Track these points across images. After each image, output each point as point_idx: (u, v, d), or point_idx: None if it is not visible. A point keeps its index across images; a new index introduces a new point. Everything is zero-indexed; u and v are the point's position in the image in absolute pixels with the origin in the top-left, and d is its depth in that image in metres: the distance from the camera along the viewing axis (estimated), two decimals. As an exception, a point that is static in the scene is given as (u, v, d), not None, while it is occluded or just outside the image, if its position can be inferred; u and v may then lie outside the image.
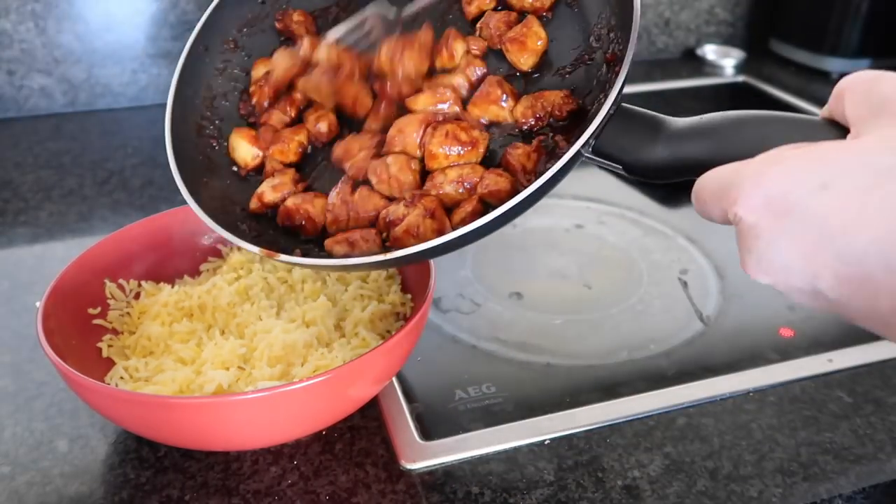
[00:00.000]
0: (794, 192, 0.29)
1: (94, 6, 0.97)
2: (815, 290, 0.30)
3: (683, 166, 0.37)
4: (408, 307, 0.55)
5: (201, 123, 0.53)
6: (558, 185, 0.39)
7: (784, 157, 0.30)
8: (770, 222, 0.30)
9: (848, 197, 0.28)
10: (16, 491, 0.45)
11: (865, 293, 0.28)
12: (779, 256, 0.30)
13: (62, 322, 0.49)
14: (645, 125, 0.38)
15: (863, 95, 0.31)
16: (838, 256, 0.28)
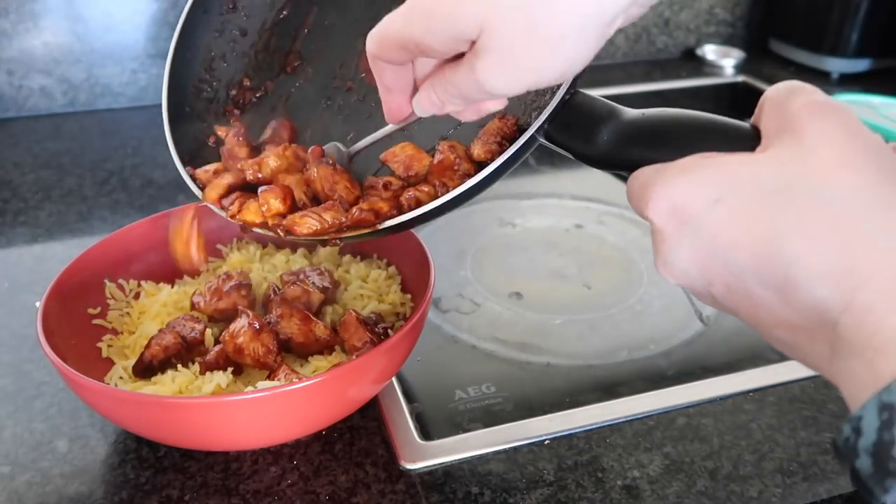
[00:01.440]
0: (693, 204, 0.30)
1: (94, 6, 0.97)
2: (711, 296, 0.32)
3: (621, 161, 0.37)
4: (408, 307, 0.55)
5: (199, 86, 0.53)
6: (554, 184, 0.40)
7: (692, 167, 0.31)
8: (673, 229, 0.31)
9: (736, 213, 0.29)
10: (15, 491, 0.45)
11: (748, 304, 0.30)
12: (680, 262, 0.32)
13: (62, 322, 0.49)
14: (594, 115, 0.38)
15: (774, 108, 0.32)
16: (726, 268, 0.30)
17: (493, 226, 0.76)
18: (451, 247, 0.72)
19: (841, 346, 0.27)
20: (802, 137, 0.29)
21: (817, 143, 0.29)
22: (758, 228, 0.29)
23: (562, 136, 0.39)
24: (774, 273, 0.28)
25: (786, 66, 1.19)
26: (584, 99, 0.39)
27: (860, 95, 0.98)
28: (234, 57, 0.55)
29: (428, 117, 0.39)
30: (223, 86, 0.54)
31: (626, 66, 1.21)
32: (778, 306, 0.29)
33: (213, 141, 0.53)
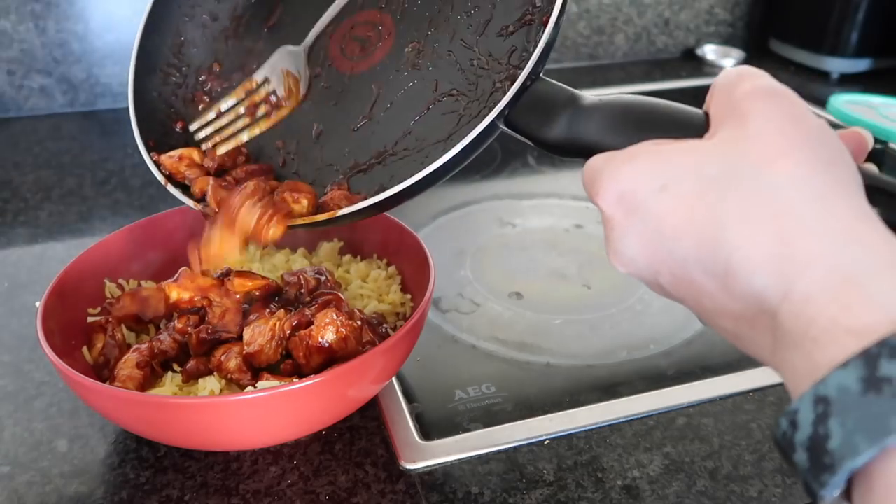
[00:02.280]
0: (640, 192, 0.30)
1: (94, 6, 0.97)
2: (658, 284, 0.32)
3: (575, 147, 0.37)
4: (407, 307, 0.55)
5: (167, 70, 0.53)
6: (554, 184, 0.40)
7: (638, 155, 0.31)
8: (621, 217, 0.31)
9: (680, 201, 0.29)
10: (15, 491, 0.45)
11: (693, 293, 0.30)
12: (628, 250, 0.32)
13: (62, 322, 0.49)
14: (553, 101, 0.38)
15: (722, 94, 0.32)
16: (671, 256, 0.30)
17: (493, 226, 0.76)
18: (451, 247, 0.72)
19: (782, 336, 0.27)
20: (745, 124, 0.29)
21: (760, 130, 0.29)
22: (700, 216, 0.28)
23: (521, 121, 0.39)
24: (716, 261, 0.28)
25: (786, 66, 1.19)
26: (545, 85, 0.39)
27: (860, 95, 0.98)
28: (204, 42, 0.54)
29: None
30: (192, 71, 0.54)
31: (626, 66, 1.22)
32: (720, 295, 0.29)
33: (181, 127, 0.52)
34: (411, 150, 0.46)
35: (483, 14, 0.46)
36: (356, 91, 0.49)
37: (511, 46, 0.44)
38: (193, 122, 0.51)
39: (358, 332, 0.47)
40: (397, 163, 0.46)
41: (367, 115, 0.48)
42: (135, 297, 0.51)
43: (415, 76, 0.47)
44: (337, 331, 0.46)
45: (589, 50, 1.21)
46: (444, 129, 0.45)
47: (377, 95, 0.48)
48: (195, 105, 0.54)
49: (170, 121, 0.53)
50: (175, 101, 0.53)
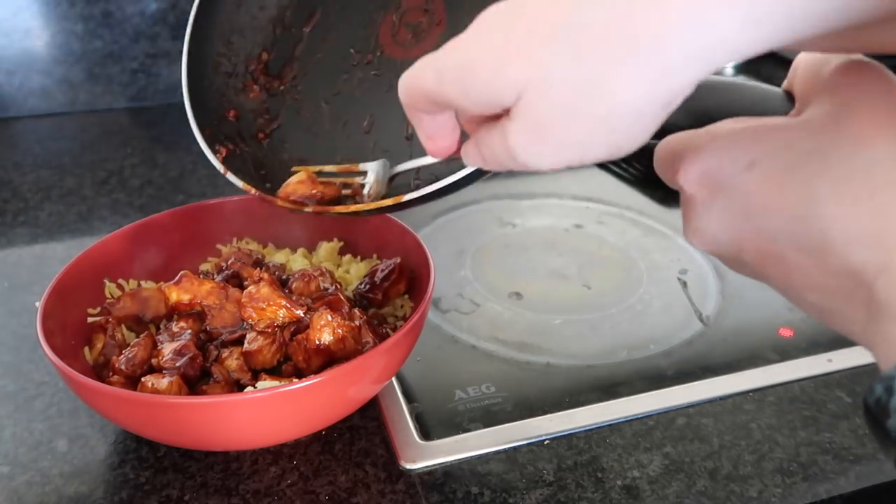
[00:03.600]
0: (726, 169, 0.30)
1: (94, 6, 0.97)
2: (741, 262, 0.32)
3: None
4: (407, 307, 0.55)
5: (218, 60, 0.53)
6: (554, 184, 0.40)
7: (723, 132, 0.31)
8: (704, 195, 0.31)
9: (770, 177, 0.29)
10: (15, 491, 0.45)
11: (781, 269, 0.30)
12: (710, 227, 0.31)
13: (62, 322, 0.49)
14: None
15: (809, 73, 0.32)
16: (758, 232, 0.30)
17: (493, 226, 0.76)
18: (451, 247, 0.72)
19: (877, 309, 0.26)
20: (837, 99, 0.29)
21: (853, 105, 0.29)
22: (793, 192, 0.28)
23: None
24: (810, 237, 0.28)
25: (785, 66, 1.18)
26: None
27: (860, 95, 0.98)
28: (252, 31, 0.54)
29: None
30: (242, 60, 0.54)
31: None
32: (812, 270, 0.28)
33: (234, 116, 0.53)
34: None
35: None
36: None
37: None
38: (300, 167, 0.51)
39: (356, 331, 0.47)
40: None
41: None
42: (135, 297, 0.51)
43: None
44: (333, 332, 0.46)
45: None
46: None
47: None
48: (246, 94, 0.54)
49: (222, 109, 0.53)
50: (226, 90, 0.54)
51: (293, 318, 0.47)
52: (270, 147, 0.52)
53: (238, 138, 0.52)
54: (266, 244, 0.62)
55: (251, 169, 0.51)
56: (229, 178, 0.49)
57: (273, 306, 0.47)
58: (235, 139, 0.52)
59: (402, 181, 0.47)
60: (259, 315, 0.47)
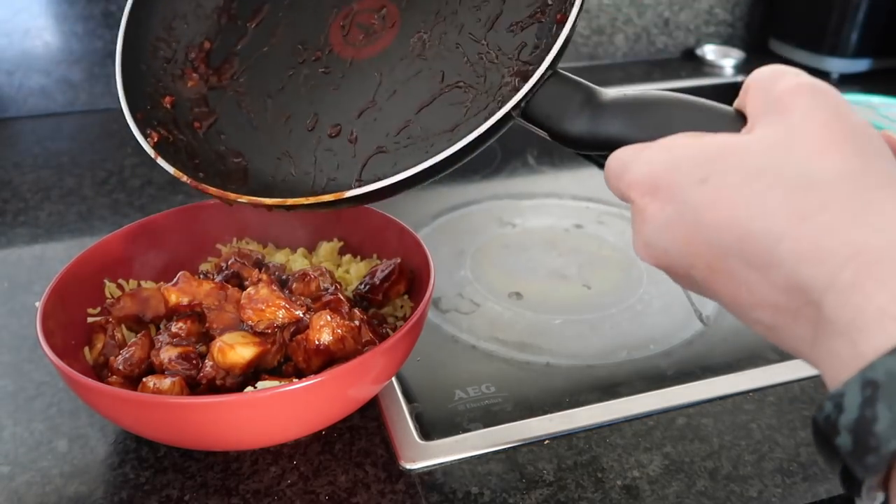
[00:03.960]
0: (678, 182, 0.30)
1: (94, 6, 0.97)
2: (691, 277, 0.32)
3: (599, 141, 0.37)
4: (407, 307, 0.55)
5: (156, 44, 0.52)
6: (554, 184, 0.40)
7: (675, 146, 0.31)
8: (656, 208, 0.31)
9: (722, 193, 0.29)
10: (15, 491, 0.45)
11: (730, 285, 0.30)
12: (660, 241, 0.32)
13: (62, 322, 0.49)
14: (573, 94, 0.38)
15: (759, 91, 0.32)
16: (709, 248, 0.30)
17: (492, 226, 0.76)
18: (451, 247, 0.72)
19: (824, 326, 0.27)
20: (789, 118, 0.29)
21: (805, 124, 0.29)
22: (744, 208, 0.29)
23: (538, 113, 0.39)
24: (759, 252, 0.28)
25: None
26: (564, 78, 0.39)
27: (860, 95, 0.98)
28: (195, 18, 0.54)
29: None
30: (182, 47, 0.53)
31: (626, 66, 1.22)
32: (761, 287, 0.29)
33: (170, 102, 0.52)
34: (415, 139, 0.45)
35: (492, 8, 0.46)
36: (358, 78, 0.49)
37: (521, 42, 0.44)
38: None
39: (356, 331, 0.47)
40: (400, 151, 0.46)
41: (370, 103, 0.47)
42: (135, 297, 0.51)
43: (420, 66, 0.47)
44: (333, 332, 0.46)
45: (589, 50, 1.21)
46: (450, 120, 0.45)
47: (380, 82, 0.48)
48: (184, 82, 0.53)
49: (158, 95, 0.52)
50: (163, 75, 0.53)
51: (293, 319, 0.47)
52: (206, 137, 0.51)
53: (172, 125, 0.51)
54: (266, 244, 0.62)
55: (184, 157, 0.50)
56: (160, 163, 0.48)
57: (272, 307, 0.47)
58: (169, 125, 0.51)
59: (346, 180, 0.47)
60: (258, 316, 0.47)
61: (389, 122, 0.47)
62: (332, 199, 0.43)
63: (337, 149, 0.48)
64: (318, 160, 0.48)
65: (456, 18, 0.47)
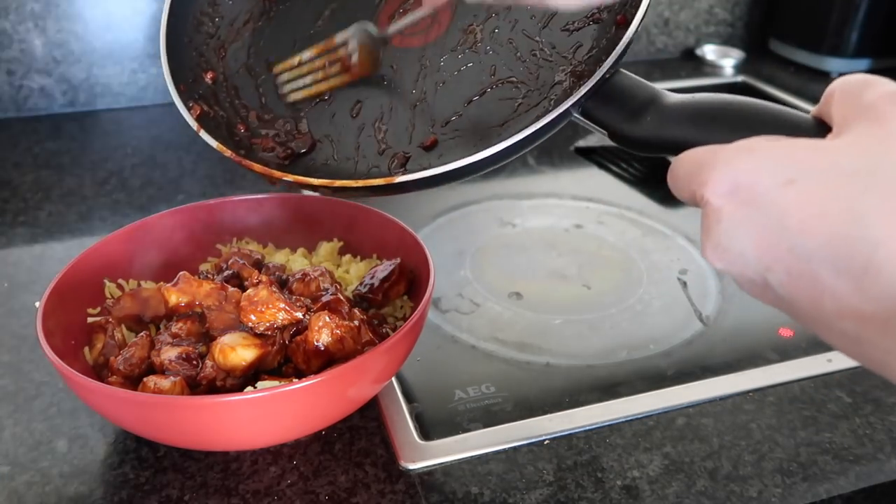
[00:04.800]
0: (762, 183, 0.29)
1: (93, 6, 0.97)
2: (766, 283, 0.30)
3: (666, 144, 0.36)
4: (407, 307, 0.55)
5: (200, 18, 0.52)
6: (554, 184, 0.39)
7: (758, 147, 0.30)
8: (733, 209, 0.30)
9: (811, 196, 0.28)
10: (15, 491, 0.45)
11: (812, 293, 0.29)
12: (736, 244, 0.30)
13: (62, 322, 0.49)
14: (637, 96, 0.38)
15: (848, 98, 0.31)
16: (792, 252, 0.28)
17: (492, 226, 0.76)
18: (451, 247, 0.72)
19: None
20: (883, 124, 0.28)
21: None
22: (836, 212, 0.27)
23: (601, 112, 0.38)
24: (852, 259, 0.27)
25: (785, 67, 1.19)
26: (627, 78, 0.39)
27: (860, 95, 0.98)
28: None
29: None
30: (225, 23, 0.53)
31: (626, 66, 1.21)
32: (850, 295, 0.27)
33: (212, 78, 0.51)
34: (463, 131, 0.45)
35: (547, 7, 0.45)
36: (406, 66, 0.48)
37: (576, 42, 0.44)
38: (277, 65, 0.50)
39: (355, 332, 0.47)
40: (447, 142, 0.45)
41: (418, 92, 0.46)
42: (135, 297, 0.51)
43: (471, 59, 0.46)
44: (332, 332, 0.46)
45: (589, 50, 1.21)
46: (500, 116, 0.44)
47: (427, 72, 0.47)
48: (226, 59, 0.53)
49: (199, 69, 0.52)
50: (206, 50, 0.52)
51: (293, 321, 0.47)
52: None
53: (213, 101, 0.50)
54: (266, 244, 0.62)
55: (225, 133, 0.49)
56: (202, 136, 0.47)
57: (272, 309, 0.47)
58: (210, 101, 0.50)
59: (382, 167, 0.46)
60: (258, 318, 0.47)
61: (436, 113, 0.46)
62: (382, 183, 0.42)
63: (380, 136, 0.47)
64: (362, 146, 0.47)
65: (509, 14, 0.46)
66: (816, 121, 0.33)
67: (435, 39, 0.48)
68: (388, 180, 0.41)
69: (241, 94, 0.51)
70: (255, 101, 0.51)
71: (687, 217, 0.77)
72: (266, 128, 0.50)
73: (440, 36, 0.48)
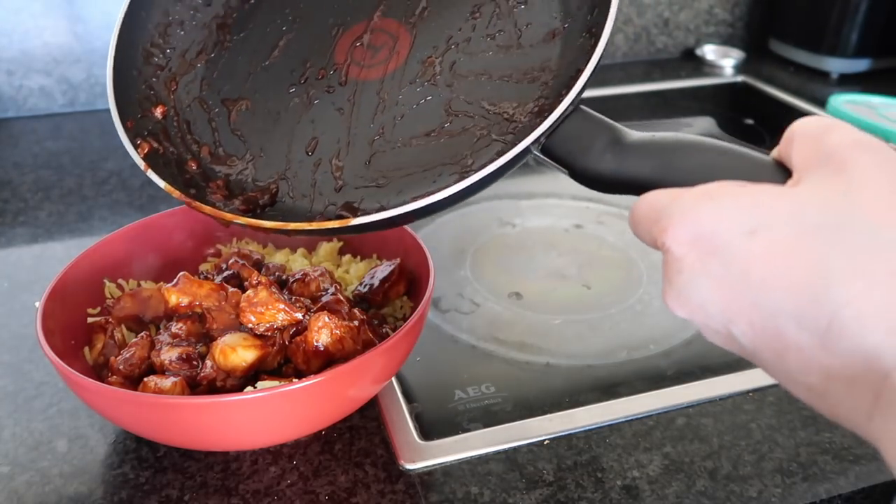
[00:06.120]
0: (723, 234, 0.28)
1: (93, 6, 0.97)
2: (730, 334, 0.30)
3: (626, 182, 0.36)
4: (407, 307, 0.55)
5: (150, 50, 0.51)
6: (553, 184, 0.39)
7: (719, 194, 0.29)
8: (694, 259, 0.29)
9: (774, 248, 0.27)
10: (15, 491, 0.45)
11: (777, 346, 0.28)
12: (697, 294, 0.30)
13: (62, 322, 0.49)
14: (598, 132, 0.37)
15: (810, 143, 0.30)
16: (755, 306, 0.28)
17: (492, 226, 0.76)
18: (451, 247, 0.72)
19: (890, 398, 0.25)
20: (847, 173, 0.28)
21: (866, 181, 0.27)
22: (801, 266, 0.26)
23: (560, 149, 0.38)
24: (817, 316, 0.26)
25: (785, 67, 1.19)
26: (588, 115, 0.38)
27: (860, 95, 0.98)
28: (192, 27, 0.52)
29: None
30: (177, 55, 0.52)
31: (626, 66, 1.22)
32: (814, 351, 0.27)
33: (161, 113, 0.50)
34: (421, 168, 0.44)
35: (507, 38, 0.44)
36: (363, 100, 0.47)
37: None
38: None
39: (354, 332, 0.47)
40: (405, 179, 0.44)
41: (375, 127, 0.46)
42: (135, 297, 0.51)
43: (430, 92, 0.45)
44: (331, 333, 0.46)
45: (589, 50, 1.21)
46: (459, 152, 0.43)
47: (386, 105, 0.46)
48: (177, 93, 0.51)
49: (149, 103, 0.51)
50: (156, 83, 0.51)
51: (292, 321, 0.47)
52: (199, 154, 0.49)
53: (163, 136, 0.49)
54: (266, 244, 0.62)
55: (175, 171, 0.48)
56: (150, 175, 0.45)
57: (272, 310, 0.47)
58: (160, 137, 0.49)
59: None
60: (258, 319, 0.47)
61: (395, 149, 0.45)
62: (337, 226, 0.41)
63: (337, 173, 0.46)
64: (318, 183, 0.46)
65: (469, 45, 0.45)
66: (777, 164, 0.32)
67: (392, 72, 0.47)
68: (344, 222, 0.40)
69: (193, 128, 0.50)
70: (207, 136, 0.49)
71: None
72: (219, 164, 0.48)
73: (398, 68, 0.47)
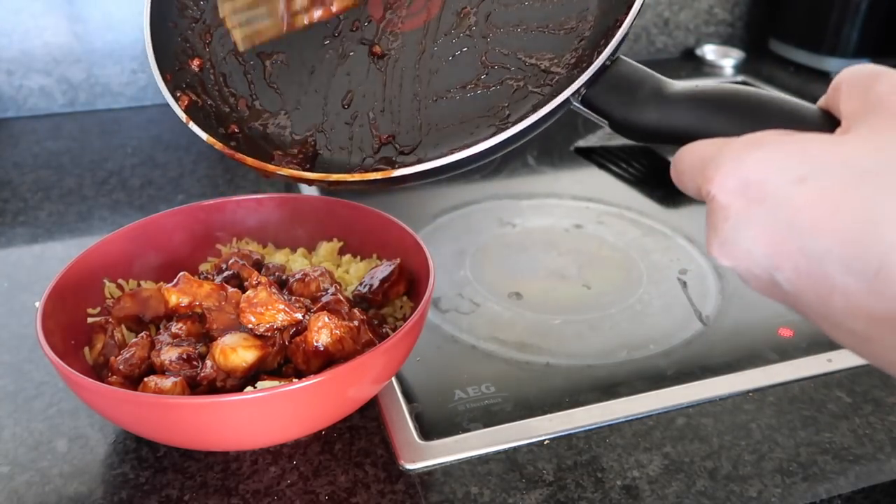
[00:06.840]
0: (772, 181, 0.28)
1: (93, 6, 0.97)
2: (773, 280, 0.30)
3: (668, 133, 0.36)
4: (407, 307, 0.55)
5: (184, 2, 0.50)
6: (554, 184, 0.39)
7: (767, 142, 0.30)
8: (741, 206, 0.29)
9: (823, 194, 0.27)
10: (15, 491, 0.45)
11: (822, 291, 0.28)
12: (743, 241, 0.30)
13: (62, 322, 0.49)
14: (640, 84, 0.37)
15: (858, 90, 0.30)
16: (802, 251, 0.28)
17: (492, 226, 0.76)
18: (451, 247, 0.72)
19: None
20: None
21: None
22: (849, 211, 0.27)
23: (602, 100, 0.37)
24: (865, 260, 0.26)
25: (785, 66, 1.19)
26: (628, 65, 0.38)
27: (860, 95, 0.98)
28: None
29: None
30: (210, 6, 0.51)
31: (626, 66, 1.21)
32: (861, 294, 0.27)
33: (198, 65, 0.50)
34: (458, 120, 0.43)
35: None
36: (399, 51, 0.46)
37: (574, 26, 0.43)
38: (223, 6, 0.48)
39: (354, 332, 0.47)
40: (441, 132, 0.43)
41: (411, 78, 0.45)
42: (135, 297, 0.51)
43: (465, 43, 0.45)
44: (331, 333, 0.46)
45: (589, 50, 1.21)
46: (496, 104, 0.43)
47: (421, 57, 0.45)
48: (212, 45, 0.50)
49: (185, 56, 0.50)
50: (191, 35, 0.50)
51: (292, 321, 0.47)
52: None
53: (201, 90, 0.49)
54: (266, 244, 0.62)
55: (214, 124, 0.47)
56: (192, 127, 0.45)
57: (272, 310, 0.47)
58: (198, 90, 0.48)
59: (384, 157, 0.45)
60: (258, 319, 0.47)
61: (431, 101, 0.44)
62: (378, 177, 0.40)
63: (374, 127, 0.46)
64: (355, 136, 0.46)
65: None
66: (824, 113, 0.32)
67: (426, 23, 0.46)
68: (386, 174, 0.40)
69: (229, 81, 0.49)
70: (243, 89, 0.49)
71: (687, 217, 0.77)
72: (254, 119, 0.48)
73: (432, 20, 0.46)
